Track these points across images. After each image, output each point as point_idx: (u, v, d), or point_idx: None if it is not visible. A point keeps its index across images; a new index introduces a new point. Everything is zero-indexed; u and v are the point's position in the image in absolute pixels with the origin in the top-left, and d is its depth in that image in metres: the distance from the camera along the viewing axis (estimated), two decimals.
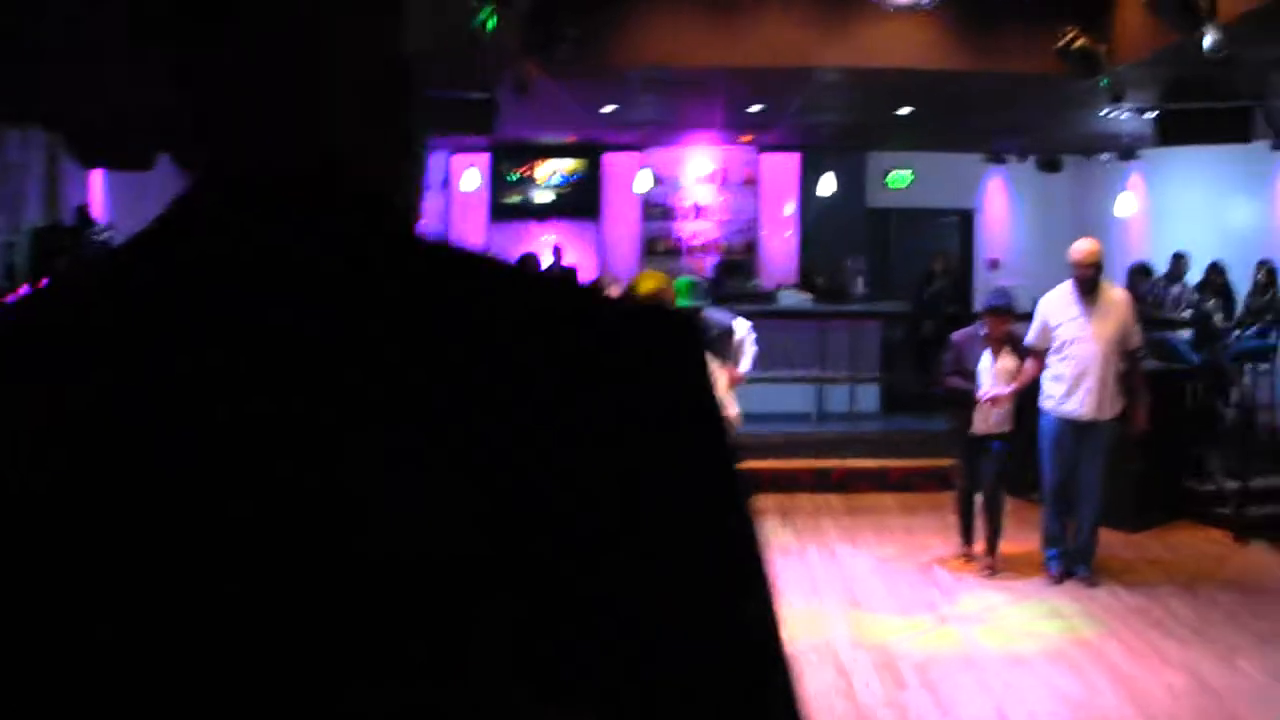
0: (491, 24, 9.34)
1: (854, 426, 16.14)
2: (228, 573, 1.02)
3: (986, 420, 10.90)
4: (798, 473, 14.91)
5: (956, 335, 11.30)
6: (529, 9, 10.15)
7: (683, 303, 9.32)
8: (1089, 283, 10.64)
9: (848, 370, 16.32)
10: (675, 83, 14.08)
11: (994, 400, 10.74)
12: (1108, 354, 10.60)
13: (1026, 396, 11.13)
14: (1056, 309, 10.83)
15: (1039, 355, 10.89)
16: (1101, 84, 11.99)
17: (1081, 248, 10.74)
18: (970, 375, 10.91)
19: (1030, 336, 10.98)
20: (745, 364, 10.36)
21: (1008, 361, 10.87)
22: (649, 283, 6.44)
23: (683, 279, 9.74)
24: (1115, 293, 11.04)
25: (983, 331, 10.95)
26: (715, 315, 10.20)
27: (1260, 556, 11.99)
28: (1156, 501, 12.90)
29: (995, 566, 11.26)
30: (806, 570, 11.49)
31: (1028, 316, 11.27)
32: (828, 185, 19.92)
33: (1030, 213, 23.78)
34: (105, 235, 13.92)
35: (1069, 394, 10.64)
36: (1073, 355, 10.62)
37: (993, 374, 10.86)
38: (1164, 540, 12.52)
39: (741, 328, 10.39)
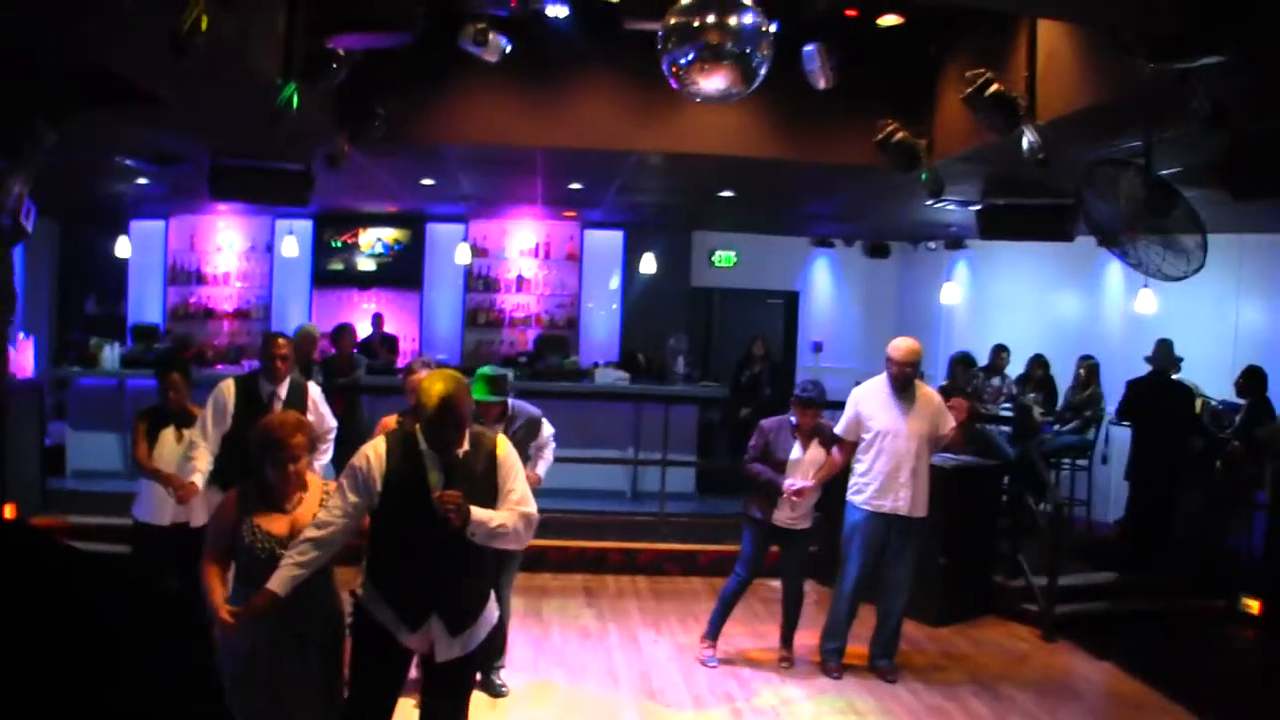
0: (295, 101, 9.25)
1: (667, 508, 16.09)
2: None
3: (788, 512, 10.82)
4: (606, 553, 14.84)
5: (767, 422, 11.18)
6: (338, 86, 10.05)
7: (479, 394, 9.06)
8: (905, 380, 10.68)
9: (662, 451, 16.26)
10: (492, 161, 14.03)
11: (799, 493, 10.68)
12: (920, 450, 10.65)
13: (833, 487, 11.13)
14: (870, 403, 10.83)
15: (847, 447, 10.88)
16: (921, 178, 12.04)
17: (900, 346, 10.74)
18: (777, 464, 10.81)
19: (840, 427, 10.93)
20: (543, 468, 10.09)
21: (816, 453, 10.81)
22: (439, 385, 6.32)
23: (483, 370, 9.53)
24: (928, 391, 11.06)
25: (793, 421, 10.90)
26: (523, 407, 10.01)
27: (1064, 656, 12.07)
28: (964, 596, 13.00)
29: (791, 659, 11.20)
30: (605, 656, 11.41)
31: (841, 405, 11.25)
32: (648, 264, 19.91)
33: (856, 297, 23.87)
34: None
35: (882, 489, 10.65)
36: (886, 450, 10.63)
37: (801, 465, 10.78)
38: (970, 635, 12.58)
39: (546, 429, 10.18)
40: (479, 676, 9.73)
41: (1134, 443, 15.33)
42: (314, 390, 10.43)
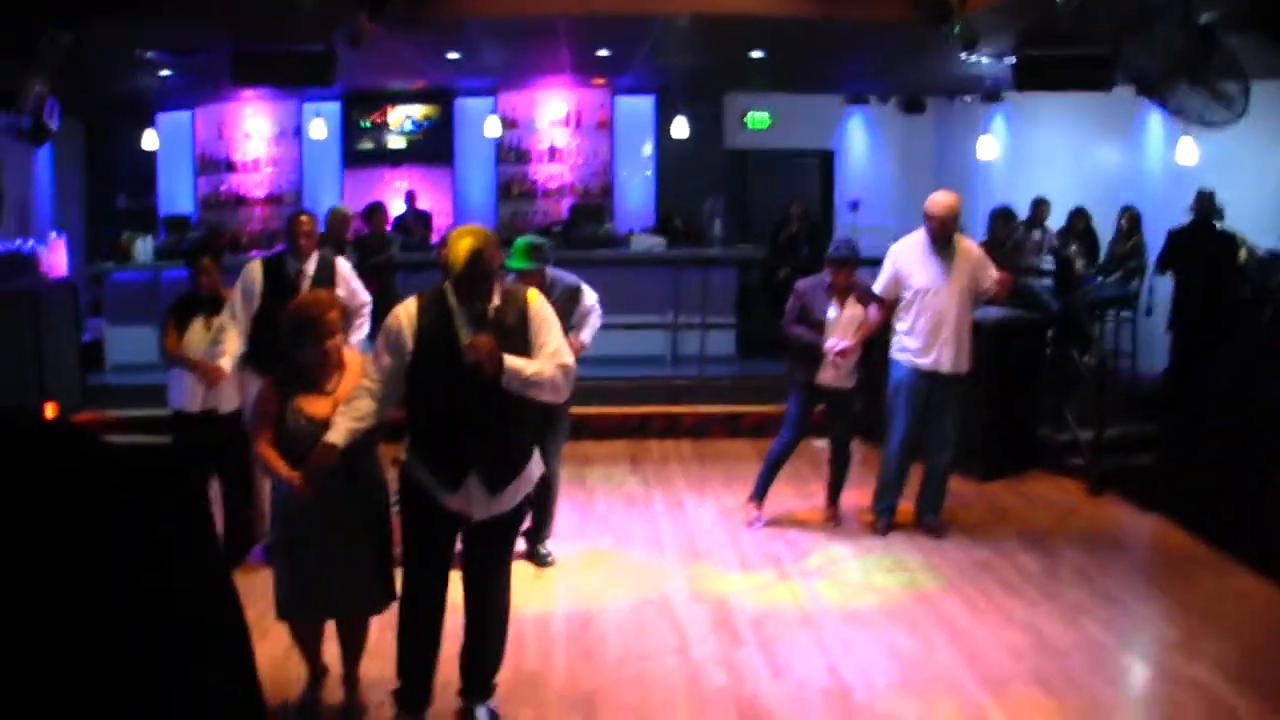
0: None
1: (708, 371, 16.07)
2: None
3: (831, 373, 10.72)
4: (649, 418, 14.91)
5: (802, 284, 11.09)
6: None
7: (517, 264, 9.22)
8: (944, 236, 10.51)
9: (701, 315, 16.21)
10: (517, 31, 13.89)
11: (841, 354, 10.59)
12: (962, 306, 10.51)
13: (876, 347, 11.05)
14: (909, 259, 10.66)
15: (885, 304, 10.76)
16: (953, 30, 11.81)
17: (939, 201, 10.55)
18: (816, 324, 10.72)
19: (879, 285, 10.79)
20: (587, 335, 10.05)
21: (853, 311, 10.71)
22: (466, 240, 6.32)
23: (521, 240, 9.54)
24: (967, 244, 10.87)
25: (827, 281, 10.79)
26: (561, 276, 9.91)
27: (1112, 509, 11.99)
28: (1010, 451, 12.91)
29: (839, 518, 11.21)
30: (651, 521, 11.50)
31: (878, 262, 11.12)
32: (680, 128, 19.74)
33: (892, 154, 23.55)
34: None
35: (925, 346, 10.52)
36: (927, 307, 10.49)
37: (839, 324, 10.69)
38: (1016, 490, 12.52)
39: (590, 296, 10.06)
40: (525, 546, 9.86)
41: (1176, 293, 15.15)
42: (343, 265, 10.33)
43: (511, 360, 6.35)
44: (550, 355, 6.60)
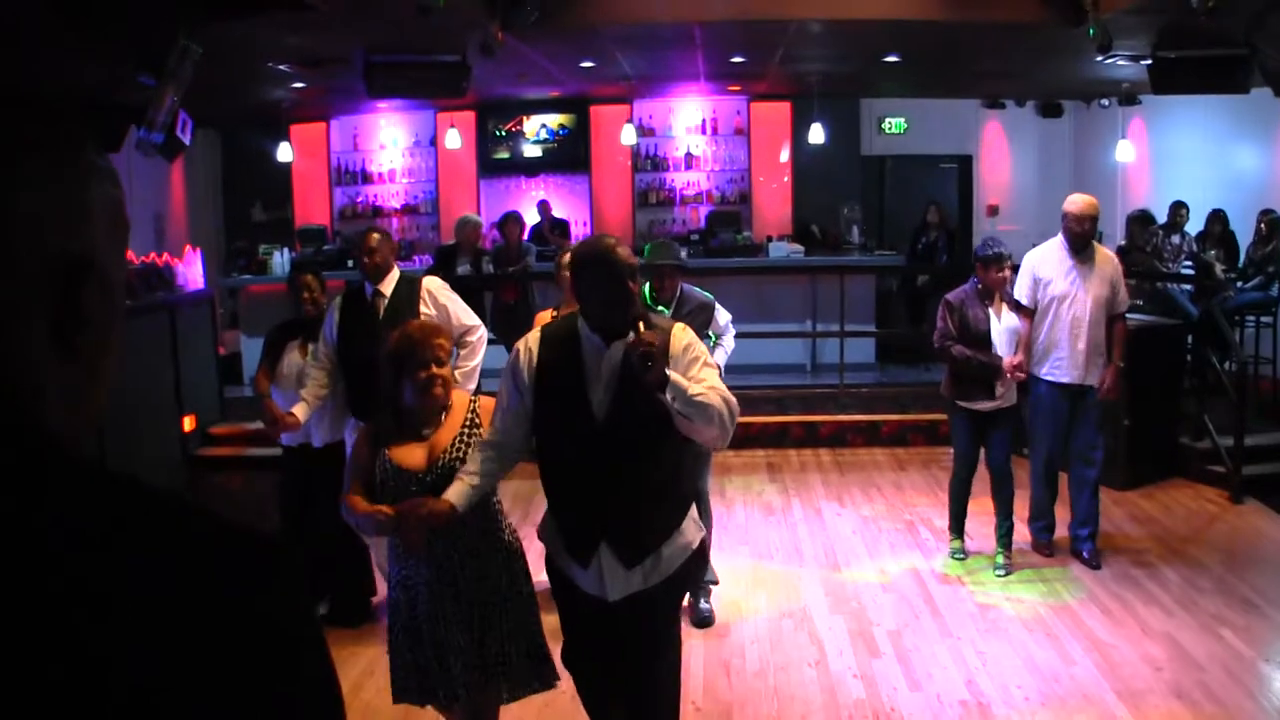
0: None
1: (846, 379, 16.00)
2: None
3: (1000, 390, 10.00)
4: (788, 427, 14.87)
5: (952, 296, 10.24)
6: None
7: (651, 256, 8.87)
8: (1082, 239, 10.12)
9: (840, 323, 16.14)
10: (650, 38, 13.87)
11: (1019, 368, 9.86)
12: (1097, 316, 10.11)
13: None
14: (1046, 266, 10.26)
15: (1028, 314, 10.26)
16: (1089, 33, 11.67)
17: (1078, 200, 10.15)
18: (979, 338, 9.97)
19: (1022, 293, 10.32)
20: (721, 356, 9.27)
21: (1011, 319, 10.08)
22: (587, 245, 5.53)
23: (653, 243, 9.37)
24: (1105, 251, 10.54)
25: (977, 284, 10.08)
26: (693, 292, 9.25)
27: (1253, 518, 11.79)
28: (1150, 458, 12.74)
29: (1011, 566, 10.26)
30: (790, 531, 11.49)
31: (1016, 268, 10.85)
32: (817, 134, 19.61)
33: (1030, 158, 23.29)
34: None
35: (1061, 358, 10.17)
36: (1064, 317, 10.12)
37: (1002, 335, 10.02)
38: (1156, 499, 12.35)
39: (723, 316, 9.39)
40: (689, 603, 8.95)
41: None
42: (431, 283, 9.10)
43: (677, 376, 5.21)
44: (710, 389, 5.28)
